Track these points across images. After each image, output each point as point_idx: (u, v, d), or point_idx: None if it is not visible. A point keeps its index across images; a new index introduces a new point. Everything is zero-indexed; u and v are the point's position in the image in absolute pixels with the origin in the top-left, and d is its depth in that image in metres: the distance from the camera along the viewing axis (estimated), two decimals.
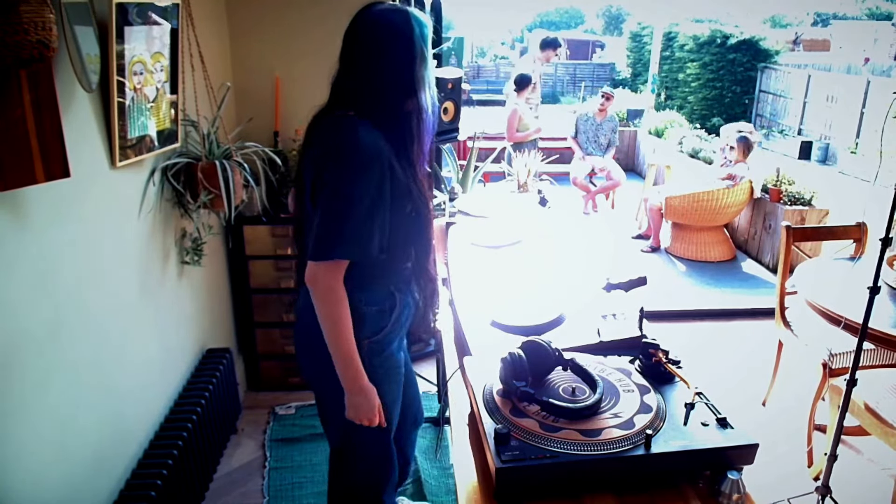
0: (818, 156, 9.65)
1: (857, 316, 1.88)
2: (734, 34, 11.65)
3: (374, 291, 1.48)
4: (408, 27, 1.37)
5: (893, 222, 1.71)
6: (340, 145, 1.34)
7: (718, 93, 11.80)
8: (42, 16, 1.18)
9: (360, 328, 1.44)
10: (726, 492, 1.06)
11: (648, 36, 14.30)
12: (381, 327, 1.50)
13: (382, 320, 1.50)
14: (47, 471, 1.48)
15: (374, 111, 1.38)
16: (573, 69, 19.32)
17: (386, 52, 1.37)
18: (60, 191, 1.49)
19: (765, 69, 11.59)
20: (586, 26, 34.03)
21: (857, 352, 1.81)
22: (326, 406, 1.62)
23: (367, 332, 1.48)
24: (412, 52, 1.37)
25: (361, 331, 1.45)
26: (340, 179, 1.32)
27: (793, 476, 2.45)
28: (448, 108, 2.92)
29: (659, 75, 12.75)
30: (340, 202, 1.32)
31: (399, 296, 1.53)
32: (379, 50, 1.37)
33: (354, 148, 1.32)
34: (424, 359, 3.37)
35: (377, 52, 1.37)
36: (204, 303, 2.54)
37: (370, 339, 1.49)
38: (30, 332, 1.42)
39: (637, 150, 8.35)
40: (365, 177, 1.32)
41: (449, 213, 2.31)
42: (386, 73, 1.37)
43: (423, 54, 1.39)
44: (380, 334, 1.50)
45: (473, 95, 6.59)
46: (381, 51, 1.37)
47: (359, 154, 1.32)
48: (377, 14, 1.38)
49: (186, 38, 2.13)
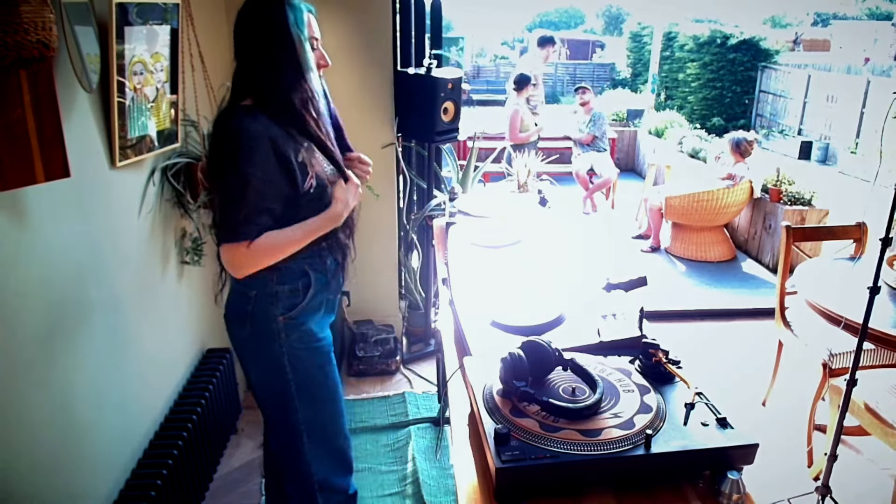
0: (818, 156, 9.65)
1: (857, 316, 1.88)
2: (734, 34, 11.65)
3: (287, 271, 1.54)
4: (280, 16, 1.44)
5: (893, 222, 1.71)
6: (222, 134, 1.43)
7: (718, 93, 11.80)
8: (42, 16, 1.18)
9: (274, 306, 1.55)
10: (726, 492, 1.06)
11: (648, 36, 14.30)
12: (294, 304, 1.57)
13: (296, 298, 1.57)
14: (47, 470, 1.48)
15: (264, 99, 1.46)
16: (573, 69, 19.32)
17: (264, 42, 1.45)
18: (60, 191, 1.49)
19: (765, 69, 11.60)
20: (586, 26, 34.03)
21: (857, 352, 1.81)
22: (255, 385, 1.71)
23: (281, 310, 1.56)
24: (289, 39, 1.44)
25: (276, 308, 1.55)
26: (225, 165, 1.41)
27: (793, 476, 2.45)
28: (448, 108, 2.92)
29: (659, 75, 12.76)
30: (229, 186, 1.41)
31: (314, 275, 1.59)
32: (256, 41, 1.45)
33: (233, 134, 1.40)
34: (424, 359, 3.37)
35: (255, 43, 1.45)
36: (204, 303, 2.54)
37: (284, 315, 1.56)
38: (30, 331, 1.42)
39: (637, 150, 8.34)
40: (246, 160, 1.39)
41: (449, 213, 2.31)
42: (266, 62, 1.45)
43: (301, 39, 1.46)
44: (294, 310, 1.57)
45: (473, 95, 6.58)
46: (260, 42, 1.45)
47: (238, 139, 1.40)
48: (250, 4, 1.46)
49: (186, 38, 2.13)
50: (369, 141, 3.05)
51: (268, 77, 1.45)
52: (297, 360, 1.60)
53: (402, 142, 3.19)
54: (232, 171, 1.40)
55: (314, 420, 1.68)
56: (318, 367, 1.65)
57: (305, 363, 1.62)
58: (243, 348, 1.64)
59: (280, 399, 1.64)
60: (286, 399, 1.63)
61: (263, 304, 1.55)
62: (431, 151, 3.19)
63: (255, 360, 1.63)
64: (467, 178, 3.53)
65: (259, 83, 1.46)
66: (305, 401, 1.65)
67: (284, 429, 1.69)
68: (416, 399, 2.98)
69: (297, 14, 1.46)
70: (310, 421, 1.67)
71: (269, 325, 1.56)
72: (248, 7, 1.46)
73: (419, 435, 2.69)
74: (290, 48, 1.45)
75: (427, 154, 3.22)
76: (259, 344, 1.59)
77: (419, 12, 3.12)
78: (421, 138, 3.16)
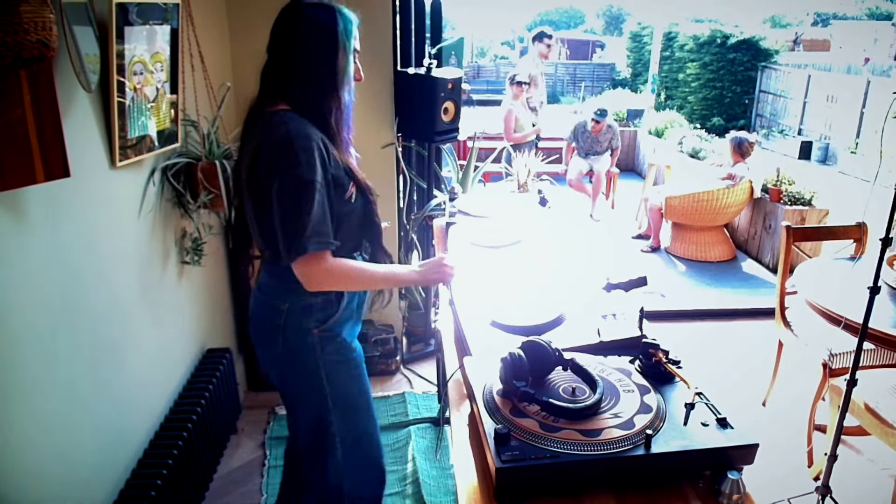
0: (818, 156, 9.64)
1: (857, 316, 1.88)
2: (734, 34, 11.65)
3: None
4: (332, 22, 1.41)
5: (893, 222, 1.71)
6: (276, 139, 1.37)
7: (718, 93, 11.81)
8: (42, 16, 1.18)
9: (308, 317, 1.50)
10: (726, 492, 1.06)
11: (648, 36, 14.31)
12: (328, 315, 1.53)
13: (330, 308, 1.53)
14: (47, 470, 1.48)
15: (299, 103, 1.43)
16: (573, 69, 19.33)
17: (310, 45, 1.42)
18: (60, 191, 1.49)
19: (765, 69, 11.59)
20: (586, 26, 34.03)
21: (857, 352, 1.81)
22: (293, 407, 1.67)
23: (314, 322, 1.52)
24: (335, 46, 1.42)
25: (309, 320, 1.51)
26: (284, 173, 1.35)
27: (793, 476, 2.45)
28: (448, 108, 2.92)
29: (659, 75, 12.76)
30: (296, 195, 1.35)
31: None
32: (304, 44, 1.42)
33: (289, 139, 1.36)
34: (424, 359, 3.37)
35: (302, 45, 1.42)
36: (204, 303, 2.54)
37: (319, 328, 1.52)
38: (29, 331, 1.42)
39: (637, 150, 8.35)
40: (308, 165, 1.35)
41: (449, 213, 2.31)
42: (309, 66, 1.42)
43: (346, 49, 1.44)
44: (328, 322, 1.53)
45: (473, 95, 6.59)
46: (306, 44, 1.42)
47: (294, 144, 1.35)
48: (305, 9, 1.43)
49: (186, 38, 2.13)
50: (369, 141, 3.05)
51: (307, 81, 1.43)
52: (333, 372, 1.55)
53: (402, 142, 3.19)
54: (293, 178, 1.35)
55: (349, 432, 1.63)
56: (352, 378, 1.61)
57: (341, 375, 1.57)
58: (275, 365, 1.58)
59: (316, 414, 1.59)
60: (322, 413, 1.58)
61: (296, 317, 1.50)
62: (431, 151, 3.19)
63: (289, 375, 1.58)
64: (467, 178, 3.54)
65: (296, 86, 1.43)
66: (341, 413, 1.60)
67: (318, 443, 1.63)
68: (416, 399, 2.98)
69: (346, 23, 1.43)
70: (345, 434, 1.62)
71: (303, 338, 1.51)
72: (296, 8, 1.43)
73: (419, 435, 2.69)
74: (334, 55, 1.42)
75: (427, 154, 3.22)
76: (293, 359, 1.54)
77: (419, 12, 3.12)
78: (421, 138, 3.16)
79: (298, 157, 1.35)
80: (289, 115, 1.41)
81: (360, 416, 1.65)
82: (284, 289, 1.49)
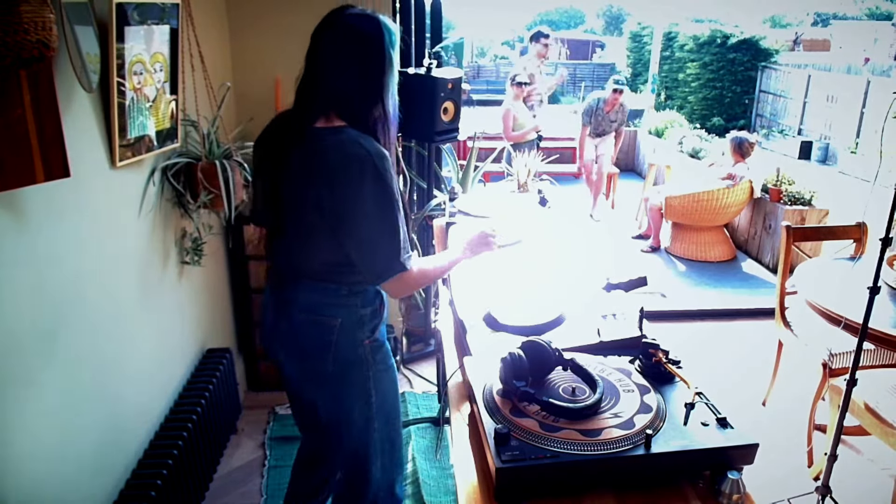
0: (818, 156, 9.64)
1: (857, 316, 1.88)
2: (734, 34, 11.66)
3: (367, 293, 1.52)
4: (378, 34, 1.39)
5: (893, 222, 1.71)
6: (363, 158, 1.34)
7: (718, 93, 11.81)
8: (42, 16, 1.18)
9: (360, 330, 1.50)
10: (726, 492, 1.06)
11: (648, 36, 14.30)
12: (376, 325, 1.55)
13: (377, 317, 1.55)
14: (47, 471, 1.48)
15: (355, 118, 1.41)
16: (573, 69, 19.33)
17: (359, 58, 1.39)
18: (60, 191, 1.49)
19: (765, 69, 11.59)
20: (586, 26, 34.03)
21: (857, 352, 1.81)
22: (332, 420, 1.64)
23: (366, 333, 1.52)
24: (382, 59, 1.40)
25: (362, 332, 1.50)
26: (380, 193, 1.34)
27: (793, 476, 2.45)
28: (448, 108, 2.92)
29: (659, 75, 12.77)
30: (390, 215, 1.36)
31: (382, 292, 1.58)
32: (353, 57, 1.39)
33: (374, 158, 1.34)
34: (424, 359, 3.37)
35: (352, 59, 1.39)
36: (204, 303, 2.54)
37: (370, 339, 1.53)
38: (29, 331, 1.42)
39: (637, 150, 8.35)
40: (392, 184, 1.36)
41: (449, 213, 2.31)
42: (358, 79, 1.40)
43: (392, 62, 1.42)
44: (376, 332, 1.55)
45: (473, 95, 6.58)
46: (356, 58, 1.39)
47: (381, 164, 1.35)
48: (350, 19, 1.39)
49: (186, 38, 2.13)
50: None
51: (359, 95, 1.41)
52: (378, 381, 1.55)
53: (401, 142, 3.19)
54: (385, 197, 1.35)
55: (387, 437, 1.63)
56: (392, 382, 1.62)
57: (385, 383, 1.58)
58: (322, 383, 1.55)
59: (362, 423, 1.58)
60: (368, 422, 1.57)
61: (350, 331, 1.49)
62: (431, 151, 3.19)
63: (338, 391, 1.55)
64: (467, 177, 3.54)
65: (348, 101, 1.40)
66: (384, 419, 1.60)
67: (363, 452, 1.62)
68: (416, 399, 2.98)
69: (391, 35, 1.41)
70: (383, 439, 1.62)
71: (354, 351, 1.50)
72: (344, 19, 1.39)
73: (419, 435, 2.69)
74: (383, 68, 1.40)
75: (427, 154, 3.21)
76: (344, 373, 1.52)
77: (419, 12, 3.12)
78: (421, 138, 3.16)
79: (384, 175, 1.35)
80: (352, 131, 1.39)
81: (396, 420, 1.66)
82: (335, 304, 1.47)
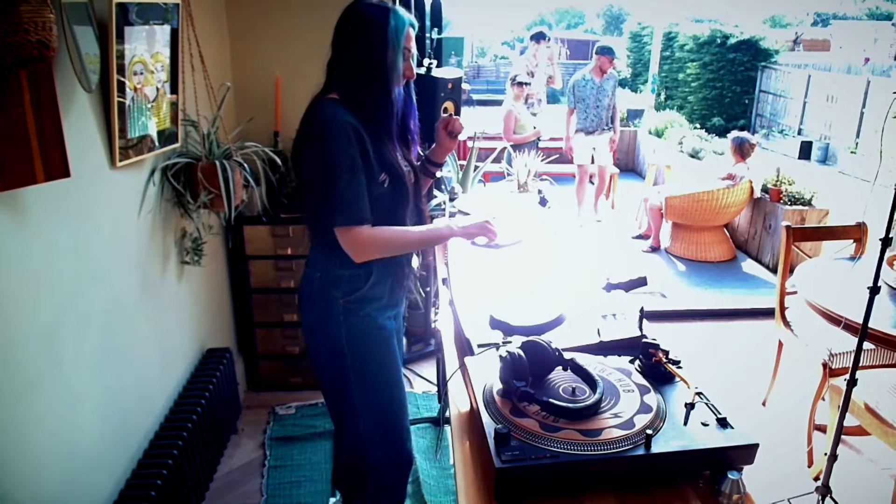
0: (818, 156, 9.64)
1: (857, 316, 1.88)
2: (734, 34, 11.64)
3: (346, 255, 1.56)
4: (384, 20, 1.50)
5: (893, 222, 1.71)
6: (310, 123, 1.51)
7: (718, 93, 11.79)
8: (42, 16, 1.18)
9: (335, 287, 1.60)
10: (726, 492, 1.06)
11: (648, 36, 14.29)
12: (354, 289, 1.61)
13: (356, 282, 1.61)
14: (47, 470, 1.48)
15: (347, 93, 1.54)
16: (573, 69, 19.31)
17: (362, 41, 1.51)
18: (60, 191, 1.49)
19: (765, 69, 11.59)
20: (586, 26, 34.02)
21: (857, 352, 1.81)
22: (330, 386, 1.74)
23: (341, 292, 1.60)
24: (384, 43, 1.51)
25: (336, 290, 1.60)
26: (315, 154, 1.49)
27: (793, 476, 2.45)
28: (448, 108, 2.92)
29: (659, 75, 12.76)
30: (323, 172, 1.47)
31: (377, 264, 1.61)
32: (356, 39, 1.52)
33: (320, 123, 1.49)
34: (424, 359, 3.37)
35: (355, 41, 1.52)
36: (204, 303, 2.54)
37: (345, 298, 1.60)
38: (30, 331, 1.42)
39: (637, 150, 8.34)
40: (335, 146, 1.46)
41: (449, 213, 2.31)
42: (359, 60, 1.52)
43: (395, 46, 1.52)
44: (353, 295, 1.61)
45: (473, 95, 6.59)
46: (359, 40, 1.52)
47: (324, 128, 1.47)
48: (360, 7, 1.54)
49: (186, 38, 2.13)
50: None
51: (356, 74, 1.52)
52: (354, 343, 1.63)
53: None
54: (324, 157, 1.47)
55: (368, 407, 1.70)
56: (373, 353, 1.67)
57: (362, 347, 1.65)
58: (309, 330, 1.69)
59: (339, 381, 1.69)
60: (344, 380, 1.67)
61: (326, 286, 1.61)
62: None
63: (318, 340, 1.68)
64: (467, 178, 3.54)
65: (346, 78, 1.53)
66: (361, 387, 1.68)
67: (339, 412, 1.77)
68: (416, 399, 2.98)
69: (399, 22, 1.52)
70: (364, 407, 1.70)
71: (330, 306, 1.61)
72: (355, 6, 1.54)
73: (419, 435, 2.69)
74: (384, 51, 1.50)
75: None
76: (322, 325, 1.64)
77: (419, 12, 3.12)
78: (421, 138, 3.16)
79: (327, 137, 1.46)
80: (330, 101, 1.52)
81: (381, 394, 1.70)
82: (319, 260, 1.62)
